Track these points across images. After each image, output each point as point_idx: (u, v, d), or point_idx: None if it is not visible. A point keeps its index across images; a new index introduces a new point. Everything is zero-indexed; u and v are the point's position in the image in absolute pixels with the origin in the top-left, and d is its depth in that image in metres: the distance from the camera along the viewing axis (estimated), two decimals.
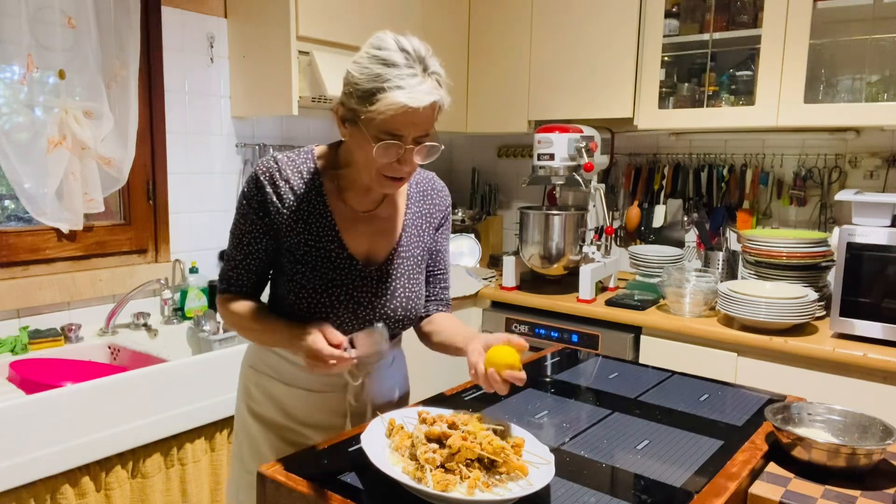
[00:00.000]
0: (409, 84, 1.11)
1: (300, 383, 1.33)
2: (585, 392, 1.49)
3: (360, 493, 1.01)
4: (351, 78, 1.16)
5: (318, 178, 1.29)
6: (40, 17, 1.96)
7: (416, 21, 2.74)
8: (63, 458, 1.61)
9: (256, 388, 1.38)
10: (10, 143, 1.93)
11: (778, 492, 1.07)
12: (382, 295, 1.31)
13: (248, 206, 1.28)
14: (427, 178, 1.44)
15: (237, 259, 1.31)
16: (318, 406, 1.34)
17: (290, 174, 1.27)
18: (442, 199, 1.44)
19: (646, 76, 2.57)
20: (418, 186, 1.41)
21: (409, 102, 1.10)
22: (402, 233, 1.35)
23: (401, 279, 1.33)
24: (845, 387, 1.98)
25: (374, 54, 1.13)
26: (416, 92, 1.10)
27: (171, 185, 2.39)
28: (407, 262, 1.35)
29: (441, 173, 4.08)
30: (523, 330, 2.63)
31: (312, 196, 1.28)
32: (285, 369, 1.34)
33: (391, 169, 1.18)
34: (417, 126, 1.14)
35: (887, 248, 1.98)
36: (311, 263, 1.27)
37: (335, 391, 1.33)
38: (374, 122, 1.13)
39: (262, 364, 1.38)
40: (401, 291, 1.33)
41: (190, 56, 2.41)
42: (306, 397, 1.33)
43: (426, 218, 1.40)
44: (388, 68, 1.11)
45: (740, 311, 2.14)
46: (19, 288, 2.00)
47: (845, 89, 2.36)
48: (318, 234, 1.27)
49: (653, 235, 2.95)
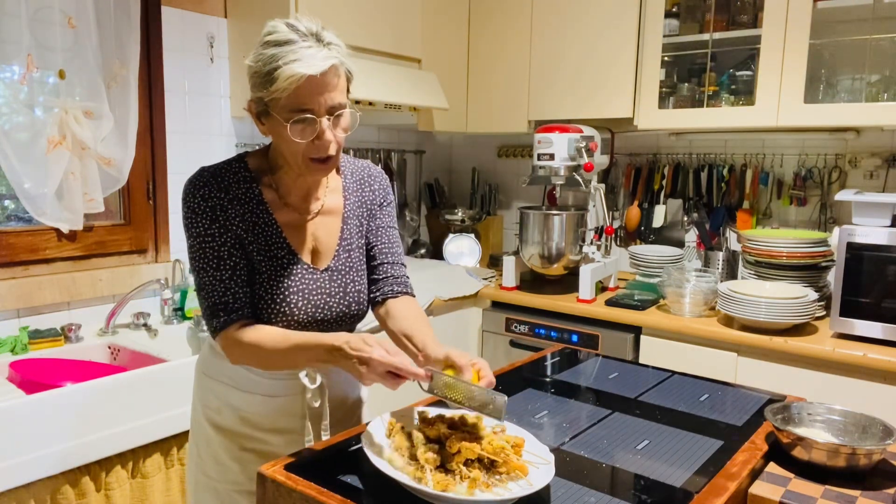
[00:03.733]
0: (305, 55, 1.11)
1: (257, 389, 1.31)
2: (585, 392, 1.49)
3: (360, 493, 1.01)
4: (250, 69, 1.17)
5: (256, 186, 1.27)
6: (40, 17, 1.96)
7: (416, 21, 2.74)
8: (63, 458, 1.61)
9: (213, 396, 1.35)
10: (10, 143, 1.93)
11: (778, 492, 1.07)
12: (336, 294, 1.30)
13: (204, 220, 1.21)
14: (361, 166, 1.42)
15: (224, 279, 1.21)
16: (277, 410, 1.31)
17: (227, 184, 1.25)
18: (379, 184, 1.42)
19: (646, 76, 2.57)
20: (353, 176, 1.39)
21: (306, 70, 1.10)
22: (343, 226, 1.34)
23: (350, 273, 1.32)
24: (845, 387, 1.98)
25: (267, 39, 1.15)
26: (312, 59, 1.11)
27: (171, 185, 2.39)
28: (353, 255, 1.34)
29: (441, 173, 4.07)
30: (523, 330, 2.63)
31: (254, 205, 1.26)
32: (240, 376, 1.31)
33: (313, 149, 1.17)
34: (325, 97, 1.14)
35: (887, 248, 1.98)
36: (267, 273, 1.25)
37: (293, 394, 1.31)
38: (280, 103, 1.14)
39: (217, 372, 1.34)
40: (352, 286, 1.32)
41: (190, 56, 2.41)
42: (265, 402, 1.31)
43: (365, 206, 1.38)
44: (281, 47, 1.13)
45: (740, 311, 2.14)
46: (19, 288, 2.00)
47: (845, 89, 2.36)
48: (268, 243, 1.25)
49: (653, 235, 2.95)
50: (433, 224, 3.47)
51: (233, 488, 1.33)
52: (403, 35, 2.69)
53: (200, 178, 1.24)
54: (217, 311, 1.21)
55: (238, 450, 1.33)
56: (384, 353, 1.05)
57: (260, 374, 1.30)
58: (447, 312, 2.70)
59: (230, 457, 1.33)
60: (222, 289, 1.21)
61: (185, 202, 1.23)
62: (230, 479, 1.33)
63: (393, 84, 2.55)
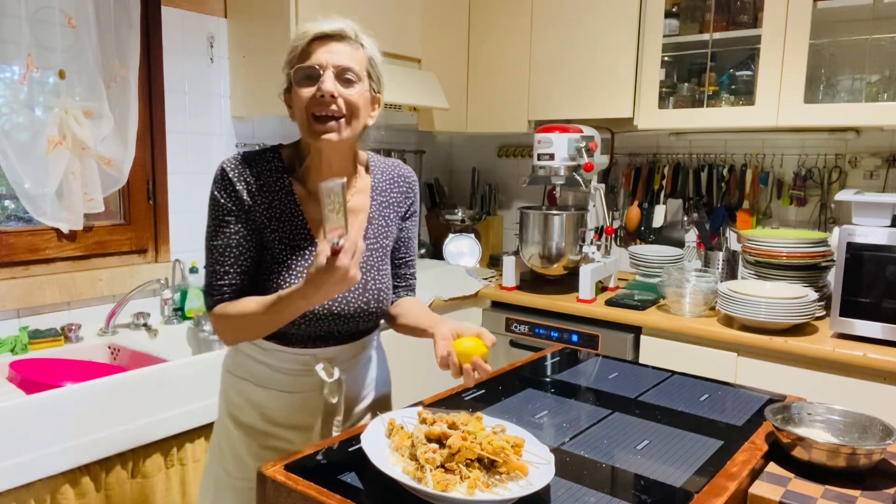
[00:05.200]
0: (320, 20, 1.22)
1: (276, 385, 1.32)
2: (585, 392, 1.49)
3: (360, 493, 1.01)
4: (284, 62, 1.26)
5: (286, 177, 1.29)
6: (40, 17, 1.96)
7: (416, 21, 2.74)
8: (63, 458, 1.61)
9: (236, 394, 1.36)
10: (10, 143, 1.93)
11: (778, 492, 1.07)
12: (355, 289, 1.31)
13: (226, 203, 1.25)
14: (391, 166, 1.44)
15: (227, 264, 1.25)
16: (297, 407, 1.33)
17: (259, 171, 1.27)
18: (409, 186, 1.44)
19: (646, 76, 2.57)
20: (383, 175, 1.41)
21: (315, 28, 1.20)
22: (369, 225, 1.36)
23: (371, 271, 1.34)
24: (845, 387, 1.98)
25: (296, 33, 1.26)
26: (324, 21, 1.21)
27: (171, 185, 2.39)
28: (375, 255, 1.35)
29: (441, 173, 4.06)
30: (523, 330, 2.63)
31: (283, 196, 1.28)
32: (261, 372, 1.33)
33: (315, 105, 1.20)
34: (332, 56, 1.21)
35: (887, 248, 1.98)
36: (287, 264, 1.27)
37: (312, 390, 1.32)
38: (293, 67, 1.22)
39: (240, 369, 1.36)
40: (372, 284, 1.33)
41: (190, 56, 2.41)
42: (283, 399, 1.32)
43: (393, 207, 1.40)
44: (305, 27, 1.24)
45: (740, 311, 2.14)
46: (19, 288, 2.00)
47: (845, 89, 2.36)
48: (292, 234, 1.28)
49: (653, 235, 2.95)
50: (433, 224, 3.47)
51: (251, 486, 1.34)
52: (403, 35, 2.69)
53: (233, 162, 1.27)
54: (212, 290, 1.27)
55: (258, 447, 1.35)
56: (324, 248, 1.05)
57: (279, 371, 1.31)
58: (447, 312, 2.70)
59: (250, 454, 1.35)
60: (222, 272, 1.26)
61: (215, 182, 1.26)
62: (249, 475, 1.34)
63: (393, 84, 2.55)
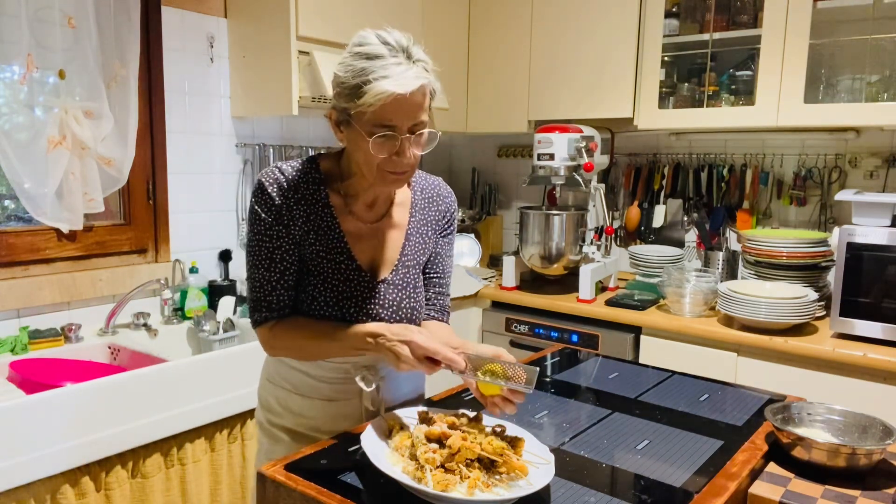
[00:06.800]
0: (395, 72, 1.10)
1: (316, 394, 1.32)
2: (585, 392, 1.49)
3: (360, 493, 1.01)
4: (338, 78, 1.16)
5: (324, 189, 1.28)
6: (40, 17, 1.96)
7: (416, 21, 2.74)
8: (63, 458, 1.61)
9: (275, 401, 1.37)
10: (10, 143, 1.93)
11: (778, 492, 1.07)
12: (389, 306, 1.30)
13: (266, 217, 1.23)
14: (432, 183, 1.42)
15: (273, 280, 1.25)
16: (336, 415, 1.33)
17: (297, 184, 1.26)
18: (447, 205, 1.42)
19: (646, 76, 2.57)
20: (423, 193, 1.40)
21: (396, 89, 1.09)
22: (406, 242, 1.34)
23: (406, 289, 1.33)
24: (845, 387, 1.98)
25: (357, 51, 1.14)
26: (402, 78, 1.10)
27: (171, 185, 2.39)
28: (411, 273, 1.34)
29: (441, 173, 4.09)
30: (523, 330, 2.63)
31: (320, 208, 1.27)
32: (300, 381, 1.33)
33: (391, 164, 1.17)
34: (409, 114, 1.14)
35: (887, 248, 1.98)
36: (323, 276, 1.26)
37: (351, 398, 1.32)
38: (365, 117, 1.13)
39: (279, 378, 1.36)
40: (406, 302, 1.32)
41: (190, 56, 2.41)
42: (323, 407, 1.32)
43: (431, 224, 1.39)
44: (371, 61, 1.11)
45: (740, 311, 2.14)
46: (19, 288, 2.00)
47: (845, 89, 2.36)
48: (329, 247, 1.27)
49: (653, 235, 2.95)
50: None
51: None
52: None
53: (272, 175, 1.25)
54: (260, 306, 1.26)
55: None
56: (424, 338, 1.11)
57: (319, 380, 1.31)
58: None
59: None
60: (269, 288, 1.25)
61: (254, 196, 1.25)
62: None
63: None
